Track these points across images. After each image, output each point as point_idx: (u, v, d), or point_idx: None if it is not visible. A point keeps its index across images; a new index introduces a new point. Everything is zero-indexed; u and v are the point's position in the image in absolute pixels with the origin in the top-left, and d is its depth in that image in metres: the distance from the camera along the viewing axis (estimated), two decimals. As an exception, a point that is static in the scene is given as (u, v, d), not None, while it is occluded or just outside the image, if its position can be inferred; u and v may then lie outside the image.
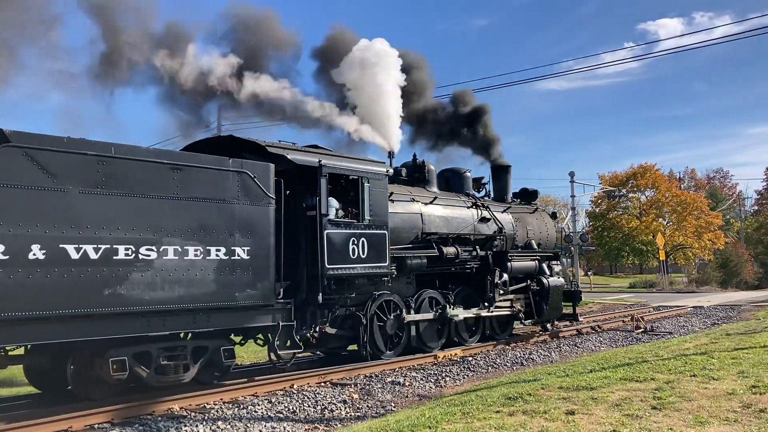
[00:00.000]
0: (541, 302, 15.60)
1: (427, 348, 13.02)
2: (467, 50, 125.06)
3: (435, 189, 14.78)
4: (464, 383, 10.89)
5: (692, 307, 25.12)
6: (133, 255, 8.26)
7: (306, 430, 8.20)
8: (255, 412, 8.75)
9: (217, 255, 9.09)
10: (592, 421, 6.68)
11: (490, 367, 12.23)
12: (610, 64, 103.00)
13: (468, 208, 14.87)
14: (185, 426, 8.01)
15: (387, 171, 12.34)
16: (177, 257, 8.67)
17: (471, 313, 13.91)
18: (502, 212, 16.00)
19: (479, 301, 14.31)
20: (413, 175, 14.57)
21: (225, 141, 11.13)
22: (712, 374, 9.07)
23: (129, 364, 8.44)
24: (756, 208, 75.89)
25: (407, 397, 9.95)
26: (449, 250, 13.49)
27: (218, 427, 8.02)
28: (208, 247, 9.00)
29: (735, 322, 19.10)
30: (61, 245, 7.65)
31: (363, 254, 11.32)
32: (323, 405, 9.21)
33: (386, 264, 11.77)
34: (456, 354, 13.21)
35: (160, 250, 8.51)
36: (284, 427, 8.18)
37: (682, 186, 63.22)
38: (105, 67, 12.14)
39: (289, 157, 10.44)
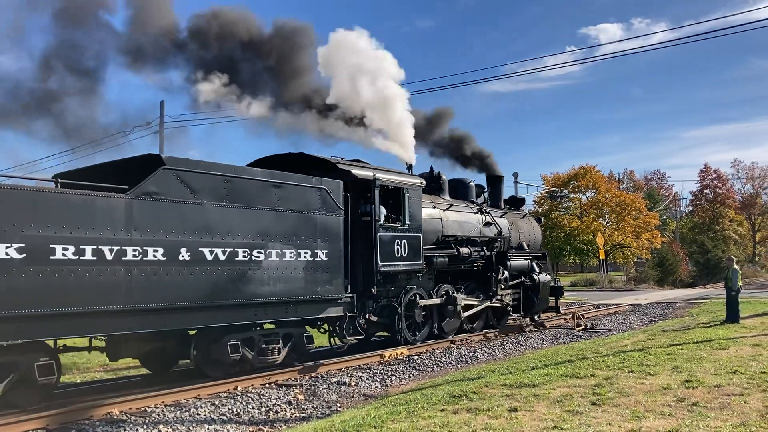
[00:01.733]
0: (532, 296, 17.70)
1: (445, 334, 14.89)
2: (413, 50, 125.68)
3: (447, 197, 16.53)
4: (410, 382, 10.94)
5: (630, 304, 25.86)
6: (248, 257, 10.06)
7: (250, 431, 8.10)
8: (198, 414, 8.59)
9: (305, 257, 11.01)
10: (534, 418, 6.80)
11: (435, 366, 12.32)
12: (552, 67, 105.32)
13: (474, 213, 16.79)
14: (125, 430, 7.80)
15: (421, 183, 14.36)
16: (278, 258, 10.52)
17: (476, 301, 15.97)
18: (500, 217, 17.92)
19: (483, 294, 16.22)
20: (430, 185, 15.86)
21: (294, 157, 12.84)
22: (649, 370, 9.36)
23: (240, 348, 10.17)
24: (690, 208, 78.76)
25: (353, 397, 9.93)
26: (464, 251, 15.52)
27: (159, 431, 7.84)
28: (299, 251, 10.90)
29: (670, 319, 19.74)
30: (199, 248, 9.37)
31: (404, 253, 13.30)
32: (268, 406, 9.10)
33: (420, 262, 13.77)
34: (402, 353, 13.27)
35: (266, 252, 10.33)
36: (227, 430, 8.05)
37: (621, 187, 65.04)
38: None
39: (353, 172, 12.55)
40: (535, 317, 18.35)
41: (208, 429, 8.02)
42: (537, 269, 18.11)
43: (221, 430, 8.01)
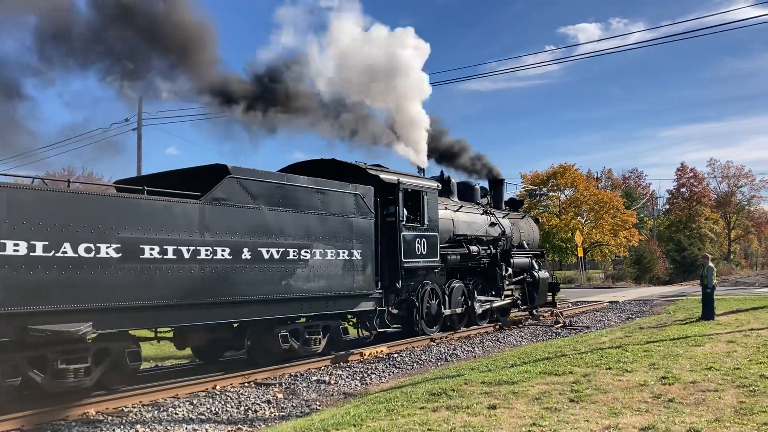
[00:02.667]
0: (533, 291, 19.12)
1: (457, 326, 15.98)
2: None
3: (456, 199, 17.62)
4: (390, 380, 10.94)
5: (608, 302, 26.10)
6: (297, 256, 11.05)
7: (229, 431, 8.04)
8: (176, 414, 8.52)
9: (343, 256, 12.02)
10: (513, 415, 6.83)
11: (415, 364, 12.34)
12: (531, 66, 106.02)
13: (481, 214, 17.96)
14: (102, 431, 7.72)
15: (438, 186, 15.50)
16: (321, 258, 11.53)
17: (491, 298, 17.31)
18: (503, 218, 19.14)
19: (489, 290, 17.47)
20: (441, 188, 16.39)
21: (327, 163, 14.09)
22: (626, 367, 9.45)
23: (288, 338, 11.22)
24: (667, 207, 79.67)
25: (333, 395, 9.92)
26: (473, 249, 16.66)
27: (137, 431, 7.77)
28: (338, 250, 11.91)
29: (647, 316, 19.96)
30: (258, 248, 10.36)
31: (424, 251, 14.42)
32: (247, 405, 9.06)
33: (437, 259, 14.92)
34: (382, 351, 13.27)
35: (312, 252, 11.34)
36: (206, 429, 8.00)
37: (599, 185, 65.54)
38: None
39: (381, 177, 13.67)
40: (533, 311, 19.55)
41: (186, 429, 7.96)
42: (536, 266, 19.50)
43: (200, 430, 7.95)
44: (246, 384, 10.36)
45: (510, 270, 17.98)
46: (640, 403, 7.19)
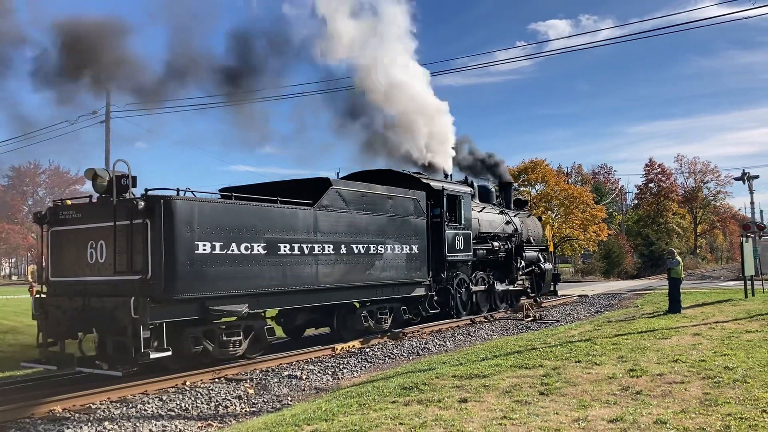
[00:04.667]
0: (539, 281, 21.86)
1: (481, 310, 18.30)
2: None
3: (478, 200, 19.57)
4: (362, 375, 10.94)
5: (578, 295, 26.43)
6: (375, 250, 13.41)
7: (199, 427, 7.96)
8: (145, 410, 8.41)
9: (405, 250, 14.36)
10: (483, 408, 6.88)
11: (387, 358, 12.35)
12: (503, 62, 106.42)
13: (498, 214, 20.37)
14: (68, 428, 7.59)
15: (471, 192, 18.06)
16: (391, 251, 13.91)
17: (504, 286, 19.83)
18: (514, 216, 21.42)
19: (505, 279, 19.84)
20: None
21: (384, 172, 16.80)
22: (595, 360, 9.57)
23: (368, 318, 13.64)
24: (636, 202, 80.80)
25: (304, 390, 9.88)
26: (495, 244, 19.17)
27: (105, 428, 7.65)
28: (402, 245, 14.25)
29: (616, 310, 20.25)
30: (351, 245, 12.74)
31: (461, 246, 17.03)
32: (217, 401, 8.98)
33: (471, 253, 17.53)
34: (354, 345, 13.26)
35: (385, 247, 13.73)
36: (176, 425, 7.91)
37: (569, 180, 66.21)
38: None
39: (431, 184, 16.18)
40: (538, 298, 21.98)
41: (155, 425, 7.86)
42: (542, 259, 22.34)
43: (169, 427, 7.86)
44: (216, 380, 10.27)
45: (522, 262, 20.66)
46: (609, 395, 7.29)
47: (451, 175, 19.93)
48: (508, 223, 20.49)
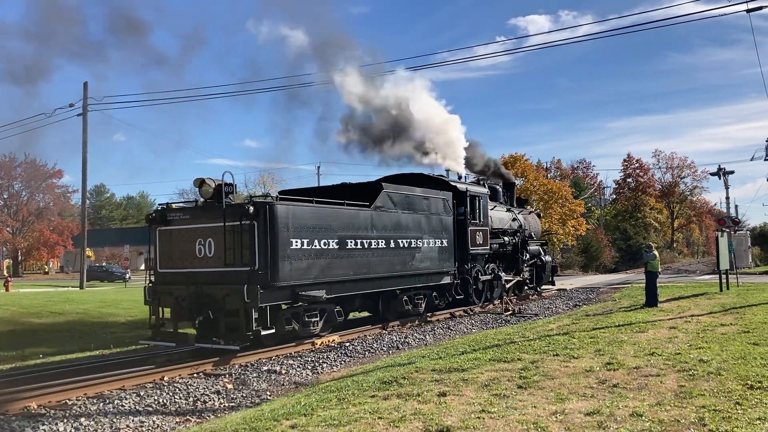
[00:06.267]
0: (540, 272, 24.27)
1: (492, 299, 20.20)
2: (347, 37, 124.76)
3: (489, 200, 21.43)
4: (341, 369, 10.94)
5: (557, 289, 26.62)
6: (415, 244, 15.57)
7: (177, 423, 7.90)
8: (122, 406, 8.34)
9: (437, 244, 16.53)
10: (462, 402, 6.90)
11: (366, 352, 12.36)
12: (482, 57, 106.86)
13: (506, 212, 22.36)
14: (44, 425, 7.48)
15: (488, 192, 20.27)
16: (427, 245, 16.06)
17: (511, 276, 21.72)
18: (518, 214, 23.32)
19: (511, 270, 21.86)
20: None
21: (416, 175, 18.83)
22: (573, 353, 9.65)
23: (409, 302, 15.90)
24: (614, 196, 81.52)
25: (283, 385, 9.86)
26: (505, 239, 21.33)
27: (81, 425, 7.56)
28: (435, 240, 16.41)
29: (594, 304, 20.44)
30: (397, 240, 14.89)
31: (481, 241, 19.12)
32: (196, 396, 8.93)
33: (488, 247, 19.64)
34: (333, 340, 13.25)
35: (422, 241, 15.87)
36: (153, 421, 7.85)
37: (549, 175, 66.58)
38: None
39: (458, 186, 18.36)
40: (538, 288, 24.43)
41: (132, 421, 7.80)
42: (543, 252, 24.64)
43: (147, 422, 7.80)
44: (195, 375, 10.22)
45: (527, 255, 22.85)
46: (586, 388, 7.36)
47: (465, 176, 22.42)
48: (514, 219, 22.48)
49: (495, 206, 21.23)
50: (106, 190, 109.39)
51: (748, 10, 20.82)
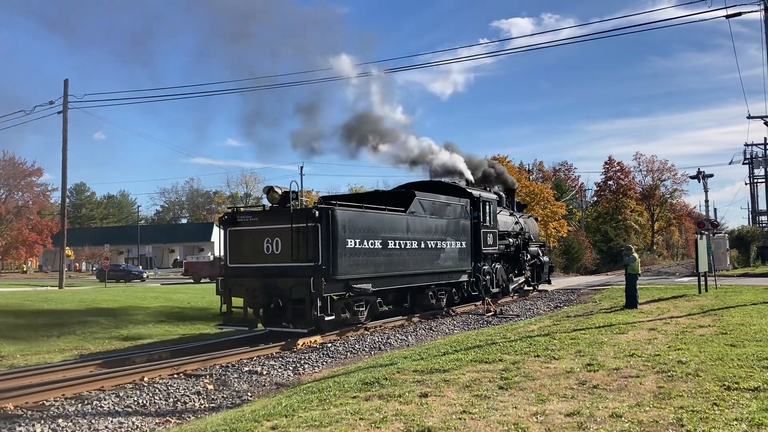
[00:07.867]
0: (539, 271, 26.44)
1: (499, 296, 22.02)
2: (329, 37, 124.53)
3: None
4: (323, 370, 10.91)
5: (538, 291, 26.75)
6: (440, 246, 17.45)
7: (157, 423, 7.84)
8: (101, 407, 8.25)
9: (457, 245, 18.46)
10: (444, 403, 6.91)
11: (348, 353, 12.34)
12: (465, 59, 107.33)
13: (509, 215, 24.08)
14: (20, 426, 7.39)
15: (497, 198, 22.25)
16: (450, 246, 17.98)
17: (514, 275, 23.85)
18: (520, 217, 25.06)
19: (514, 269, 23.91)
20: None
21: (434, 182, 20.76)
22: (554, 354, 9.70)
23: (433, 297, 17.75)
24: (595, 199, 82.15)
25: (264, 386, 9.82)
26: (510, 241, 23.21)
27: (59, 426, 7.48)
28: (455, 241, 18.34)
29: (575, 305, 20.57)
30: (426, 241, 16.75)
31: (491, 243, 20.89)
32: (176, 397, 8.86)
33: (497, 248, 21.43)
34: (315, 341, 13.22)
35: (446, 242, 17.79)
36: (133, 422, 7.78)
37: (531, 177, 66.97)
38: None
39: (473, 193, 20.14)
40: (536, 286, 26.37)
41: (111, 422, 7.72)
42: (541, 253, 26.57)
43: (126, 423, 7.73)
44: (175, 375, 10.14)
45: (528, 255, 24.77)
46: (567, 389, 7.39)
47: (473, 182, 23.72)
48: (516, 223, 24.26)
49: (500, 210, 22.73)
50: (86, 189, 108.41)
51: (728, 16, 21.16)
